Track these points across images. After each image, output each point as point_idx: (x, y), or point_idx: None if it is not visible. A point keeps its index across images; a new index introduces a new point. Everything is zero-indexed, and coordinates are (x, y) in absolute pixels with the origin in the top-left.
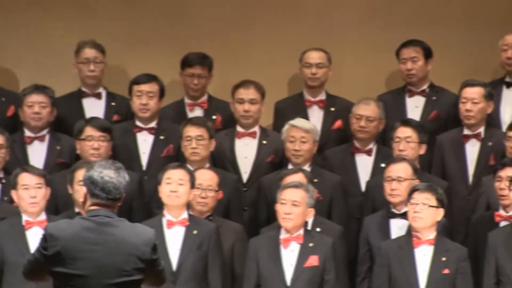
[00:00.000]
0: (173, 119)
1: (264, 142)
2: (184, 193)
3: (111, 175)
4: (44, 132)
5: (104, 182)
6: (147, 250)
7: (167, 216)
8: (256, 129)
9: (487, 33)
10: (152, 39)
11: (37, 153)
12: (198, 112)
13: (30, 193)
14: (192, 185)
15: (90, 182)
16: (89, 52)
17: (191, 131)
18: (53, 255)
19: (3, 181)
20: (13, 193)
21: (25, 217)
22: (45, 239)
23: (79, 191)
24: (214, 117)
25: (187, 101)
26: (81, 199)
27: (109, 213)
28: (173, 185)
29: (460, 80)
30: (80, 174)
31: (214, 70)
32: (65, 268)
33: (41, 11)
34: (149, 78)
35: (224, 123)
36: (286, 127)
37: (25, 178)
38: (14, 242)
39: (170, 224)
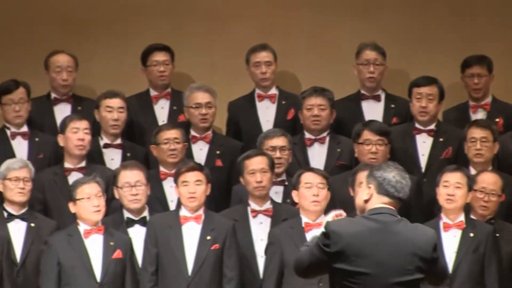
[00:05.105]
0: (456, 122)
1: None
2: (460, 196)
3: (401, 175)
4: (325, 134)
5: (397, 181)
6: (429, 250)
7: (444, 219)
8: None
9: None
10: (434, 41)
11: (318, 155)
12: (480, 114)
13: (313, 191)
14: (469, 188)
15: (382, 179)
16: (370, 54)
17: (476, 133)
18: (336, 252)
19: (286, 183)
20: (294, 194)
21: (304, 219)
22: (327, 236)
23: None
24: (497, 119)
25: (470, 103)
26: (365, 198)
27: (393, 212)
28: (450, 188)
29: None
30: (361, 176)
31: (496, 72)
32: (348, 265)
33: (325, 14)
34: (429, 80)
35: (506, 126)
36: None
37: (308, 177)
38: (293, 243)
39: (447, 227)
